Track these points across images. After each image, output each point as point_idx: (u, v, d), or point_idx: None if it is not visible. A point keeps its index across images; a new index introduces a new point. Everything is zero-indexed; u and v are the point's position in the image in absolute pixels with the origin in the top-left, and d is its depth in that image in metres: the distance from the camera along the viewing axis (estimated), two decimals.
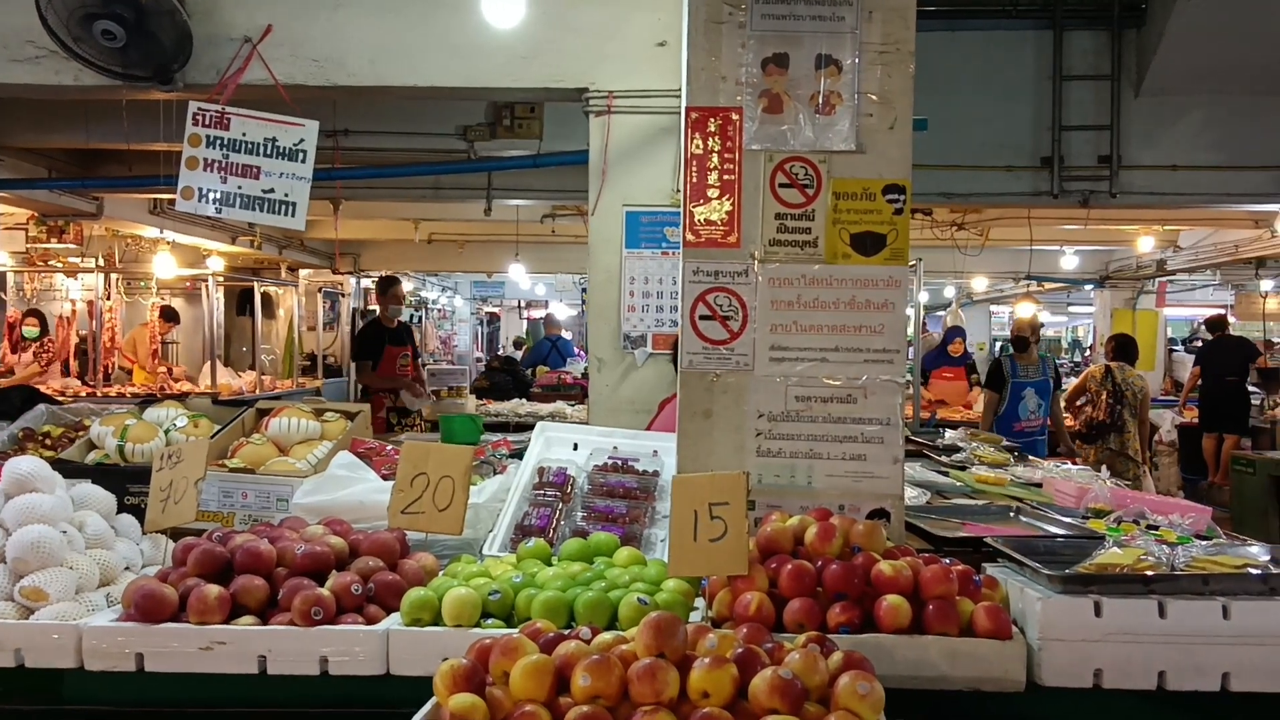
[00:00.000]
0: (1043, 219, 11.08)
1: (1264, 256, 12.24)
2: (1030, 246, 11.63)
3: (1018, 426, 8.43)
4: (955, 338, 11.30)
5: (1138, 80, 8.73)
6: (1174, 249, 13.27)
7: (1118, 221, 11.09)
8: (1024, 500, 3.95)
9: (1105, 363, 9.05)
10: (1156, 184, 8.76)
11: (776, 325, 2.86)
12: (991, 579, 2.60)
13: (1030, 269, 13.40)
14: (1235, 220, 11.05)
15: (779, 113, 2.84)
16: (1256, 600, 2.42)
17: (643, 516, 3.25)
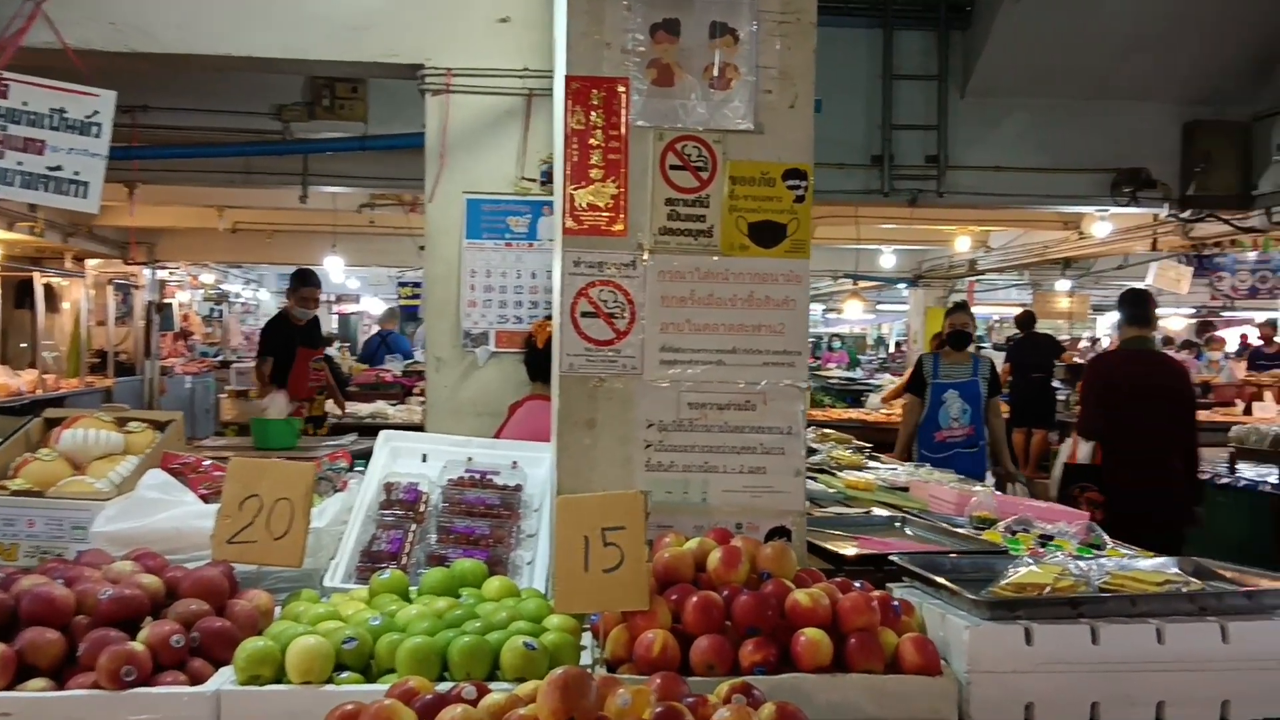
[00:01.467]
0: (869, 218, 11.19)
1: (1071, 257, 12.76)
2: (858, 245, 11.76)
3: (938, 436, 7.39)
4: None
5: (964, 81, 8.86)
6: (985, 249, 13.70)
7: (940, 221, 11.31)
8: (900, 507, 3.78)
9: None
10: (981, 184, 8.91)
11: (668, 324, 2.56)
12: (908, 604, 2.37)
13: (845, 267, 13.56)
14: (1047, 222, 11.44)
15: (670, 85, 2.53)
16: (1188, 622, 2.27)
17: (508, 537, 2.89)
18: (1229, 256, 11.00)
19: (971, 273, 14.49)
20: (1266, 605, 2.34)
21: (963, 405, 7.41)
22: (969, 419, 7.37)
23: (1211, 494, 6.55)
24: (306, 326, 8.53)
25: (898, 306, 20.83)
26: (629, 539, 2.19)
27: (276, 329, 8.57)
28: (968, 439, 7.32)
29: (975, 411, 7.37)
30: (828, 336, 24.67)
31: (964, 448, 7.29)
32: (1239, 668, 2.24)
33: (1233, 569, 2.62)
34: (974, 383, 7.49)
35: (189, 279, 19.48)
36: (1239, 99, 8.88)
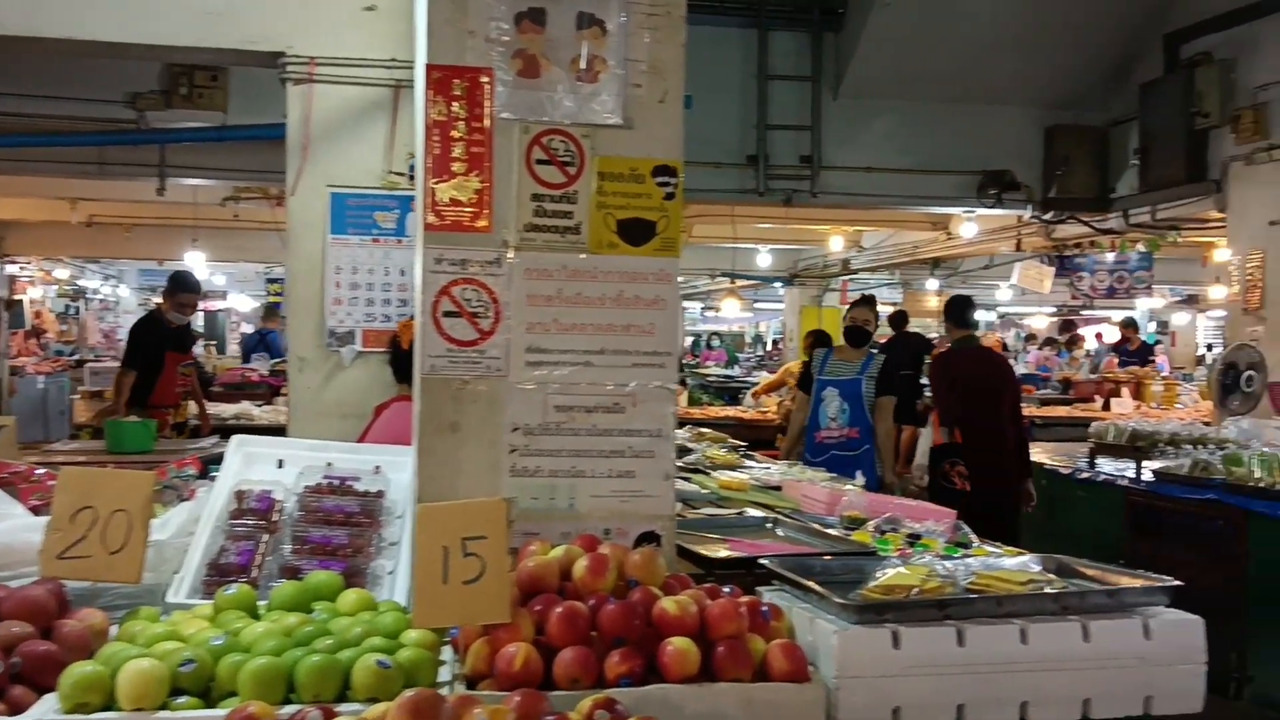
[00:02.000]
0: (745, 217, 11.27)
1: (939, 258, 13.07)
2: (734, 244, 11.83)
3: (817, 437, 6.90)
4: None
5: (837, 83, 8.98)
6: (858, 249, 13.95)
7: (814, 221, 11.45)
8: (773, 507, 3.77)
9: (803, 359, 9.23)
10: (853, 185, 9.05)
11: (534, 324, 2.47)
12: (777, 609, 2.33)
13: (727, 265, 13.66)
14: (916, 222, 11.69)
15: (535, 77, 2.44)
16: (1051, 622, 2.28)
17: (367, 546, 2.76)
18: (1089, 257, 11.40)
19: (845, 272, 14.75)
20: (1126, 603, 2.37)
21: (841, 404, 6.80)
22: (848, 419, 6.76)
23: (1072, 488, 6.75)
24: (178, 330, 8.14)
25: (775, 305, 21.08)
26: (491, 548, 2.10)
27: (147, 332, 8.12)
28: (847, 440, 6.74)
29: (856, 412, 6.74)
30: (706, 335, 24.83)
31: (842, 450, 6.69)
32: (1100, 666, 2.26)
33: (1094, 566, 2.66)
34: (857, 381, 6.83)
35: (41, 274, 18.56)
36: (1096, 105, 9.21)
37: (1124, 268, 11.18)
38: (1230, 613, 5.46)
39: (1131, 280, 11.17)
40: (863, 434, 6.72)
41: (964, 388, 6.63)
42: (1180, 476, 5.91)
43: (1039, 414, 11.03)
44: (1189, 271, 14.71)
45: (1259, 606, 5.31)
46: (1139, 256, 11.06)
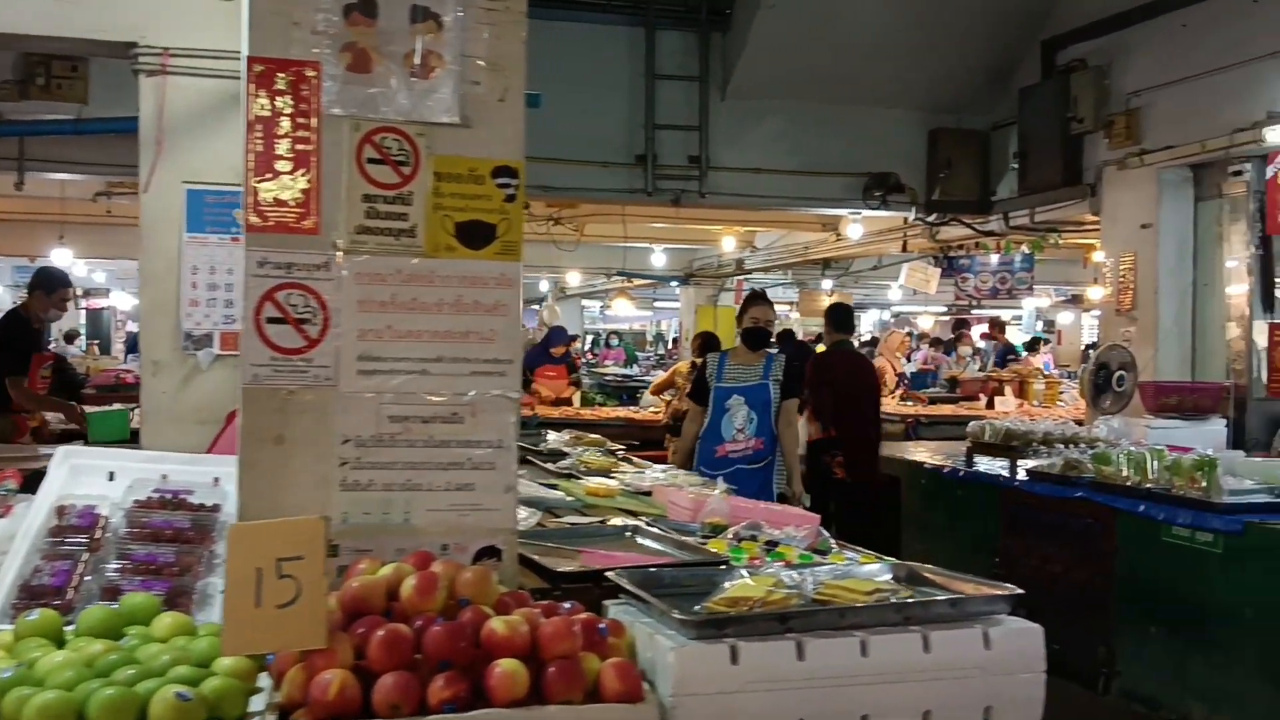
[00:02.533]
0: (636, 217, 11.23)
1: (830, 258, 13.21)
2: (625, 243, 11.78)
3: (719, 450, 6.20)
4: (559, 340, 11.17)
5: (724, 83, 8.98)
6: (751, 249, 14.03)
7: (705, 221, 11.47)
8: (639, 514, 3.70)
9: (693, 359, 9.23)
10: (741, 185, 9.06)
11: (366, 331, 2.36)
12: (617, 624, 2.27)
13: (625, 265, 13.62)
14: (806, 223, 11.78)
15: (366, 72, 2.33)
16: (892, 633, 2.25)
17: (197, 564, 2.62)
18: (973, 258, 11.62)
19: (739, 272, 14.82)
20: (968, 613, 2.36)
21: (749, 413, 6.16)
22: (756, 429, 6.15)
23: (951, 487, 6.83)
24: (38, 329, 7.74)
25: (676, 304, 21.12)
26: (307, 569, 1.99)
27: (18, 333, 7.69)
28: (754, 453, 6.15)
29: (764, 420, 6.17)
30: (605, 333, 24.79)
31: (749, 463, 6.13)
32: (940, 677, 2.24)
33: (941, 574, 2.65)
34: (763, 386, 6.21)
35: None
36: (978, 109, 9.37)
37: (1007, 269, 11.43)
38: (1100, 609, 5.58)
39: (1013, 281, 11.42)
40: (768, 444, 6.19)
41: (837, 387, 7.28)
42: (1052, 475, 6.00)
43: (925, 413, 11.20)
44: (1072, 272, 15.13)
45: (1126, 603, 5.42)
46: (1022, 258, 11.32)
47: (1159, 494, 5.28)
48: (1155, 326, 7.64)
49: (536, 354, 10.98)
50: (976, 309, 20.15)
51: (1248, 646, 4.76)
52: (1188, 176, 7.68)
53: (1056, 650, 5.72)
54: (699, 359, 9.12)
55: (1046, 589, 5.96)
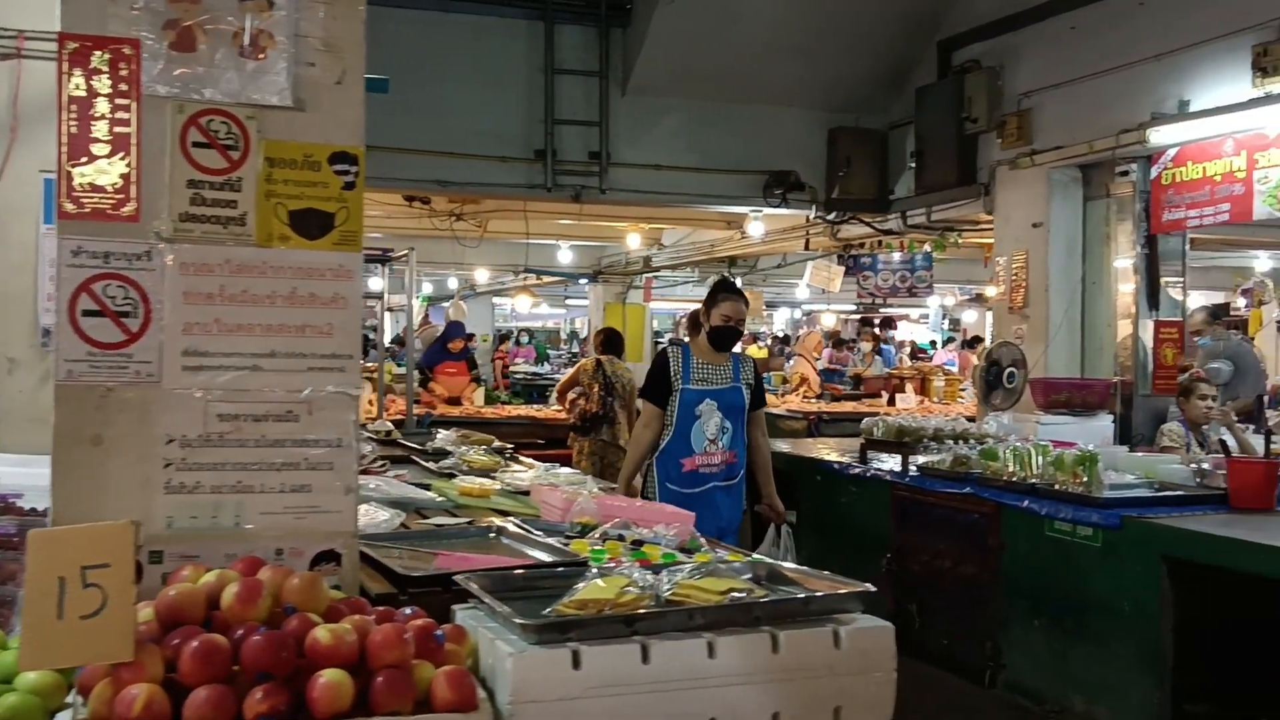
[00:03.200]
0: (539, 213, 11.12)
1: (735, 255, 13.23)
2: (527, 240, 11.65)
3: (687, 464, 5.22)
4: (456, 335, 11.01)
5: (624, 79, 8.93)
6: (658, 246, 13.99)
7: (609, 218, 11.40)
8: (511, 514, 3.61)
9: (596, 356, 9.15)
10: (642, 182, 9.02)
11: (193, 324, 2.23)
12: (459, 630, 2.18)
13: (528, 262, 13.48)
14: (711, 221, 11.78)
15: (191, 51, 2.21)
16: (741, 634, 2.19)
17: (21, 573, 2.47)
18: (875, 257, 11.73)
19: (647, 269, 14.77)
20: (819, 612, 2.31)
21: (722, 422, 5.24)
22: (730, 441, 5.27)
23: (845, 483, 6.85)
24: None
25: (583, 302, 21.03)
26: (114, 578, 1.87)
27: None
28: (728, 468, 5.28)
29: (738, 431, 5.30)
30: (516, 331, 24.59)
31: (723, 480, 5.28)
32: (790, 677, 2.19)
33: (802, 572, 2.61)
34: (735, 390, 5.33)
35: None
36: (876, 109, 9.45)
37: (908, 267, 11.55)
38: (986, 603, 5.63)
39: (914, 280, 11.54)
40: (740, 458, 5.34)
41: None
42: (941, 471, 6.05)
43: (829, 409, 11.29)
44: (974, 271, 15.34)
45: (1012, 597, 5.48)
46: (922, 256, 11.44)
47: (1043, 489, 5.35)
48: (1046, 324, 7.76)
49: (435, 351, 10.81)
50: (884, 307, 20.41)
51: (1126, 639, 4.83)
52: (1076, 176, 7.81)
53: (945, 645, 5.78)
54: (602, 356, 9.06)
55: (936, 584, 6.01)
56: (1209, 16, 6.52)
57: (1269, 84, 6.02)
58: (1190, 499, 5.09)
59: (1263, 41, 6.09)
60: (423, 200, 10.64)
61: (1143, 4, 7.10)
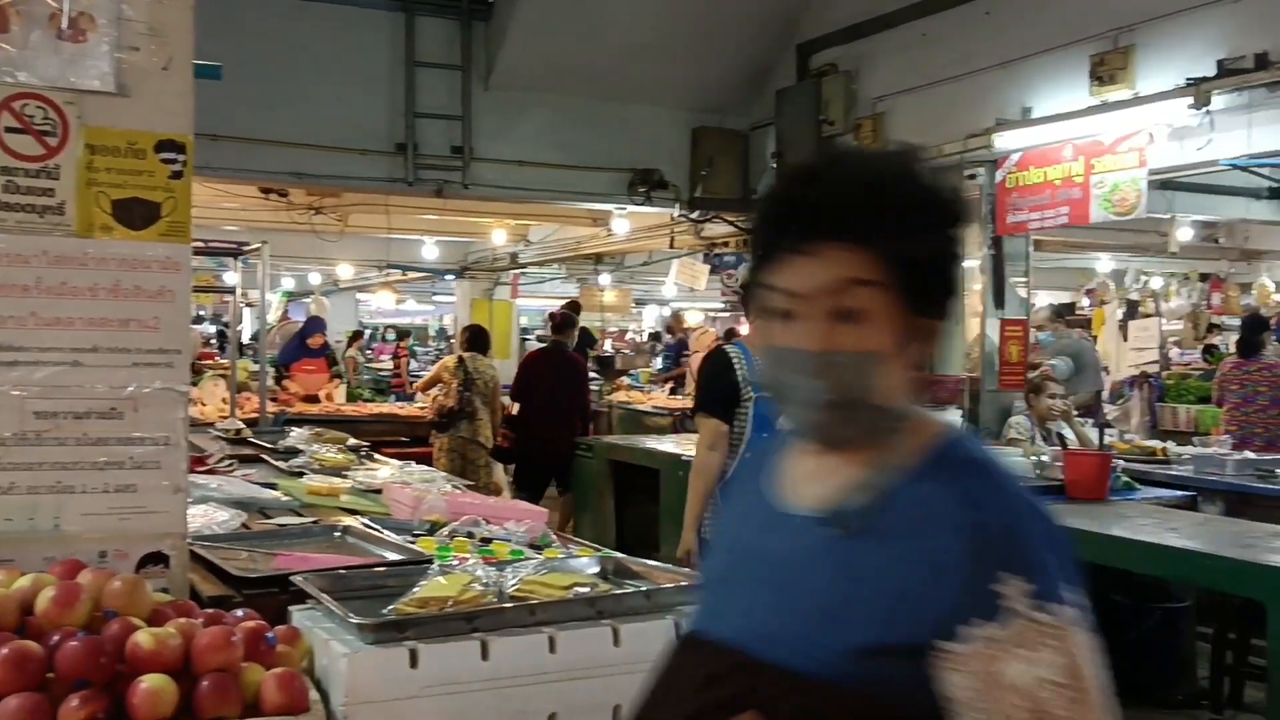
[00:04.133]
0: (402, 207, 10.95)
1: (602, 253, 13.26)
2: (389, 234, 11.44)
3: None
4: (315, 331, 10.75)
5: (487, 73, 8.86)
6: (525, 243, 13.92)
7: (473, 213, 11.29)
8: (361, 513, 3.55)
9: (459, 353, 9.06)
10: (506, 178, 8.97)
11: (7, 318, 2.13)
12: (293, 631, 2.13)
13: (390, 257, 13.23)
14: (577, 218, 11.78)
15: (4, 32, 2.10)
16: (583, 628, 2.20)
17: None
18: (738, 255, 11.87)
19: (514, 266, 14.69)
20: (661, 604, 2.33)
21: None
22: None
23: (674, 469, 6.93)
24: None
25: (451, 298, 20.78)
26: None
27: None
28: None
29: None
30: (382, 327, 24.16)
31: None
32: (631, 670, 2.18)
33: (647, 566, 2.63)
34: None
35: None
36: (739, 109, 9.58)
37: None
38: None
39: None
40: None
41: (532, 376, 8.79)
42: None
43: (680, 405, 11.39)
44: None
45: None
46: None
47: None
48: None
49: (293, 348, 10.55)
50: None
51: None
52: None
53: None
54: (466, 353, 8.98)
55: None
56: (1050, 26, 6.81)
57: (1105, 92, 6.31)
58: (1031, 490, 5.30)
59: (1099, 51, 6.38)
60: (280, 193, 10.36)
61: (989, 13, 7.36)
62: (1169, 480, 6.15)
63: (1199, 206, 9.42)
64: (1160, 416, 9.90)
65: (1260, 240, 12.39)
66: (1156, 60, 6.18)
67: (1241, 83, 5.60)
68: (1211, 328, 15.38)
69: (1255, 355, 8.51)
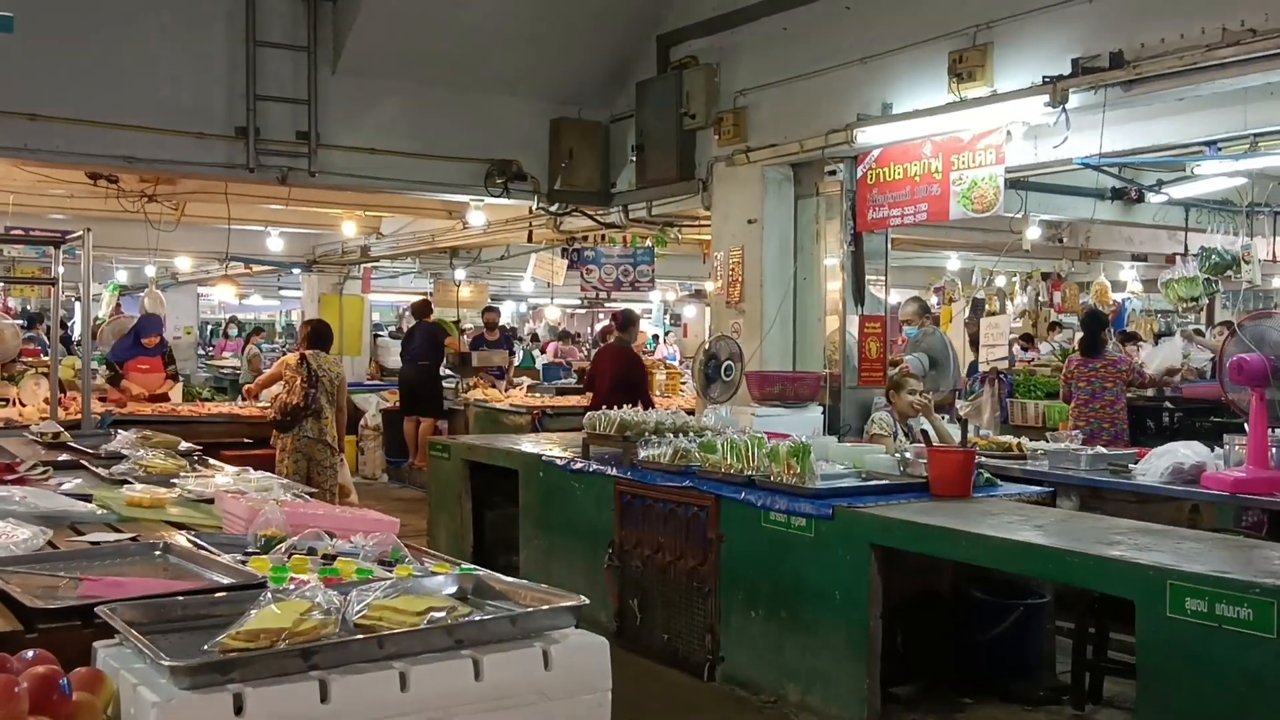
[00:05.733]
0: (245, 196, 10.37)
1: (457, 246, 12.88)
2: (229, 225, 10.83)
3: None
4: (151, 330, 10.06)
5: (335, 57, 8.44)
6: (377, 236, 13.43)
7: (320, 204, 10.79)
8: (189, 527, 3.20)
9: (301, 350, 8.61)
10: (356, 166, 8.57)
11: None
12: (95, 676, 1.82)
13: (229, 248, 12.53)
14: (432, 210, 11.39)
15: None
16: (440, 660, 1.95)
17: None
18: (597, 250, 11.69)
19: (365, 259, 14.17)
20: (529, 630, 2.10)
21: None
22: None
23: (567, 479, 6.70)
24: None
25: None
26: None
27: None
28: None
29: None
30: (225, 323, 23.11)
31: None
32: (494, 707, 1.97)
33: (511, 584, 2.39)
34: None
35: None
36: (599, 101, 9.39)
37: (629, 261, 11.58)
38: (706, 596, 5.62)
39: (635, 274, 11.59)
40: None
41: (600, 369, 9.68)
42: (662, 464, 6.02)
43: (553, 404, 11.17)
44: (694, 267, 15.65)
45: (730, 589, 5.49)
46: (643, 251, 11.50)
47: (759, 481, 5.38)
48: (761, 318, 7.90)
49: (126, 345, 9.87)
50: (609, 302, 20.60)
51: (836, 627, 4.91)
52: (789, 175, 8.00)
53: (667, 640, 5.72)
54: (308, 350, 8.53)
55: (659, 579, 5.96)
56: (910, 23, 6.80)
57: (964, 89, 6.32)
58: (895, 488, 5.26)
59: (958, 48, 6.40)
60: (109, 179, 9.67)
61: (849, 9, 7.33)
62: (1026, 476, 6.22)
63: (1047, 206, 9.66)
64: (1011, 412, 10.10)
65: (1100, 240, 12.84)
66: (1014, 58, 6.22)
67: (1097, 81, 5.66)
68: (1053, 326, 15.92)
69: (1098, 353, 8.74)
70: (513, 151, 9.12)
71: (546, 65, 8.94)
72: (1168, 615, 3.61)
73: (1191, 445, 5.98)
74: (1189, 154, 7.03)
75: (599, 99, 9.35)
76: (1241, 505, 5.48)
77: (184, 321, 19.33)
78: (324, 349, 8.64)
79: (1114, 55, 5.64)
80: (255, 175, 8.18)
